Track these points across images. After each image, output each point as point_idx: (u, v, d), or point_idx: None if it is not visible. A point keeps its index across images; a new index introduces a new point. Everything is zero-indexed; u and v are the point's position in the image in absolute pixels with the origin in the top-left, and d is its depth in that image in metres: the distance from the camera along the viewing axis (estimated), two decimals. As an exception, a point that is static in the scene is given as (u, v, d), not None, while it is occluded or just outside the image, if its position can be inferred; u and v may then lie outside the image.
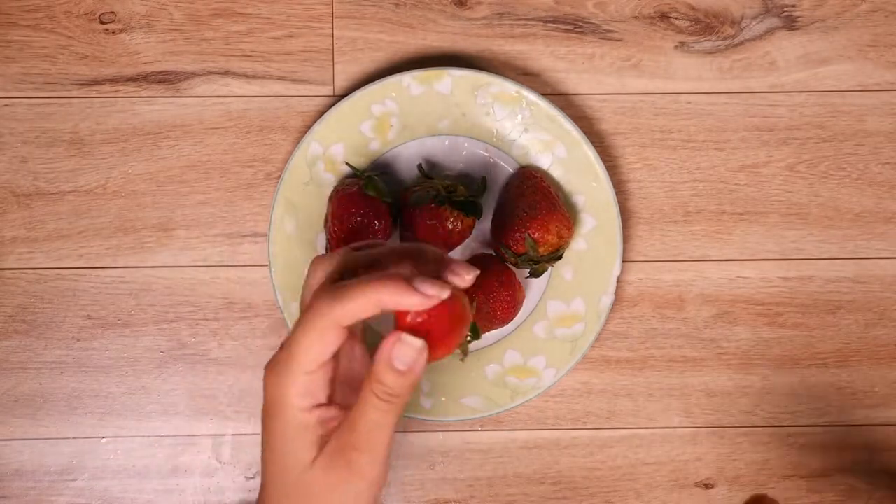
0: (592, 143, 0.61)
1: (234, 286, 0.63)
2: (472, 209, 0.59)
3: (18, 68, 0.63)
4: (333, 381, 0.47)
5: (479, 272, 0.45)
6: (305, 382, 0.45)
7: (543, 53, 0.64)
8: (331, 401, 0.46)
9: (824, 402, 0.64)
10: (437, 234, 0.58)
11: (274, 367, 0.46)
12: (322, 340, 0.44)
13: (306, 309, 0.45)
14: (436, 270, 0.45)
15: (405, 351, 0.44)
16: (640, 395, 0.64)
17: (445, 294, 0.43)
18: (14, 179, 0.63)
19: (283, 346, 0.46)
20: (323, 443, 0.46)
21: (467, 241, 0.61)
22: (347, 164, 0.61)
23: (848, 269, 0.64)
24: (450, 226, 0.58)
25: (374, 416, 0.44)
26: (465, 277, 0.44)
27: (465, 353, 0.54)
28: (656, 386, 0.64)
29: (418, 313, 0.43)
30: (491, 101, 0.61)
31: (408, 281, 0.43)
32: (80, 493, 0.63)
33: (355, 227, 0.58)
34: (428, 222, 0.58)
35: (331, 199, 0.60)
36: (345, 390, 0.48)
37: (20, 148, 0.63)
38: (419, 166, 0.61)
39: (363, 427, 0.45)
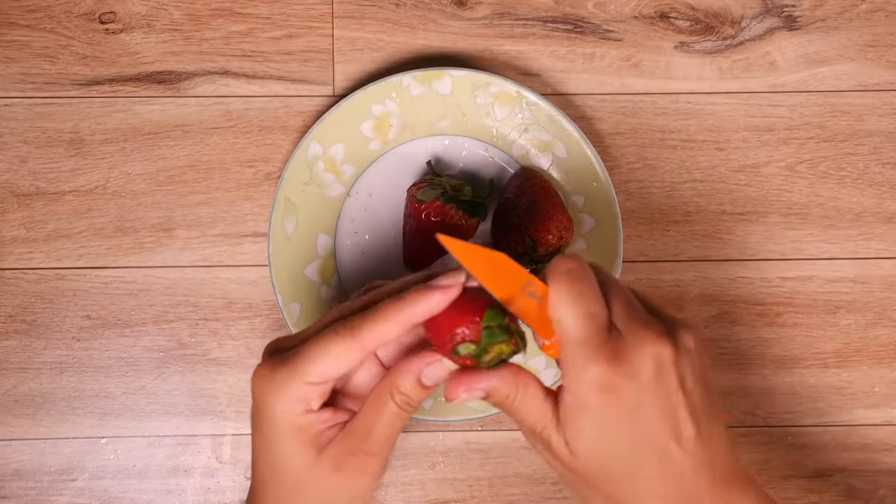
0: (592, 143, 0.61)
1: (234, 286, 0.63)
2: (477, 210, 0.59)
3: (18, 68, 0.63)
4: (333, 392, 0.48)
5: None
6: (304, 391, 0.45)
7: (543, 53, 0.64)
8: (323, 407, 0.47)
9: (824, 402, 0.64)
10: (440, 231, 0.58)
11: (265, 375, 0.46)
12: (339, 360, 0.45)
13: (326, 333, 0.45)
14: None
15: (439, 370, 0.45)
16: (640, 395, 0.64)
17: (461, 278, 0.44)
18: (14, 179, 0.63)
19: (280, 357, 0.47)
20: (316, 442, 0.46)
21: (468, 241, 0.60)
22: (428, 163, 0.61)
23: (848, 269, 0.64)
24: (454, 225, 0.58)
25: (392, 422, 0.46)
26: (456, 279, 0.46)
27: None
28: (656, 386, 0.64)
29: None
30: (491, 101, 0.61)
31: (426, 285, 0.44)
32: (80, 493, 0.63)
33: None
34: (433, 219, 0.58)
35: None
36: (338, 397, 0.49)
37: (20, 148, 0.63)
38: (428, 163, 0.62)
39: (379, 433, 0.46)
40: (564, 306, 0.44)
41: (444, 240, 0.44)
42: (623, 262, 0.62)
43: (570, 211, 0.61)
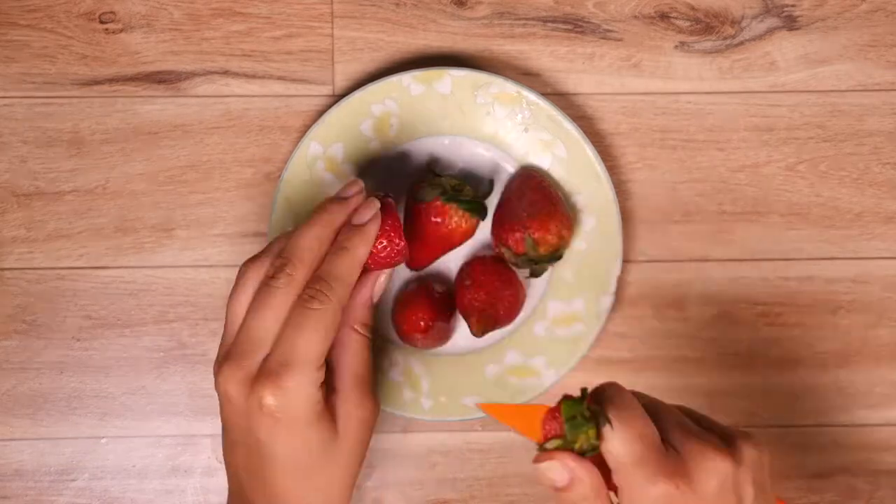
0: (592, 143, 0.61)
1: (234, 286, 0.63)
2: (477, 210, 0.59)
3: (18, 68, 0.63)
4: None
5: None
6: (316, 378, 0.49)
7: (543, 53, 0.64)
8: None
9: (824, 402, 0.64)
10: (441, 231, 0.58)
11: (278, 379, 0.48)
12: (329, 332, 0.49)
13: (304, 317, 0.49)
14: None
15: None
16: (640, 395, 0.64)
17: (359, 185, 0.53)
18: (14, 179, 0.63)
19: (277, 368, 0.49)
20: (327, 416, 0.50)
21: (467, 241, 0.60)
22: (428, 163, 0.61)
23: (848, 269, 0.64)
24: (454, 225, 0.58)
25: (363, 351, 0.53)
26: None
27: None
28: (656, 386, 0.64)
29: None
30: (491, 101, 0.61)
31: (338, 202, 0.52)
32: (80, 493, 0.63)
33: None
34: (433, 219, 0.58)
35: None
36: None
37: (20, 148, 0.63)
38: (428, 163, 0.62)
39: (359, 366, 0.52)
40: (612, 433, 0.44)
41: (485, 408, 0.48)
42: (623, 261, 0.62)
43: (570, 211, 0.61)
